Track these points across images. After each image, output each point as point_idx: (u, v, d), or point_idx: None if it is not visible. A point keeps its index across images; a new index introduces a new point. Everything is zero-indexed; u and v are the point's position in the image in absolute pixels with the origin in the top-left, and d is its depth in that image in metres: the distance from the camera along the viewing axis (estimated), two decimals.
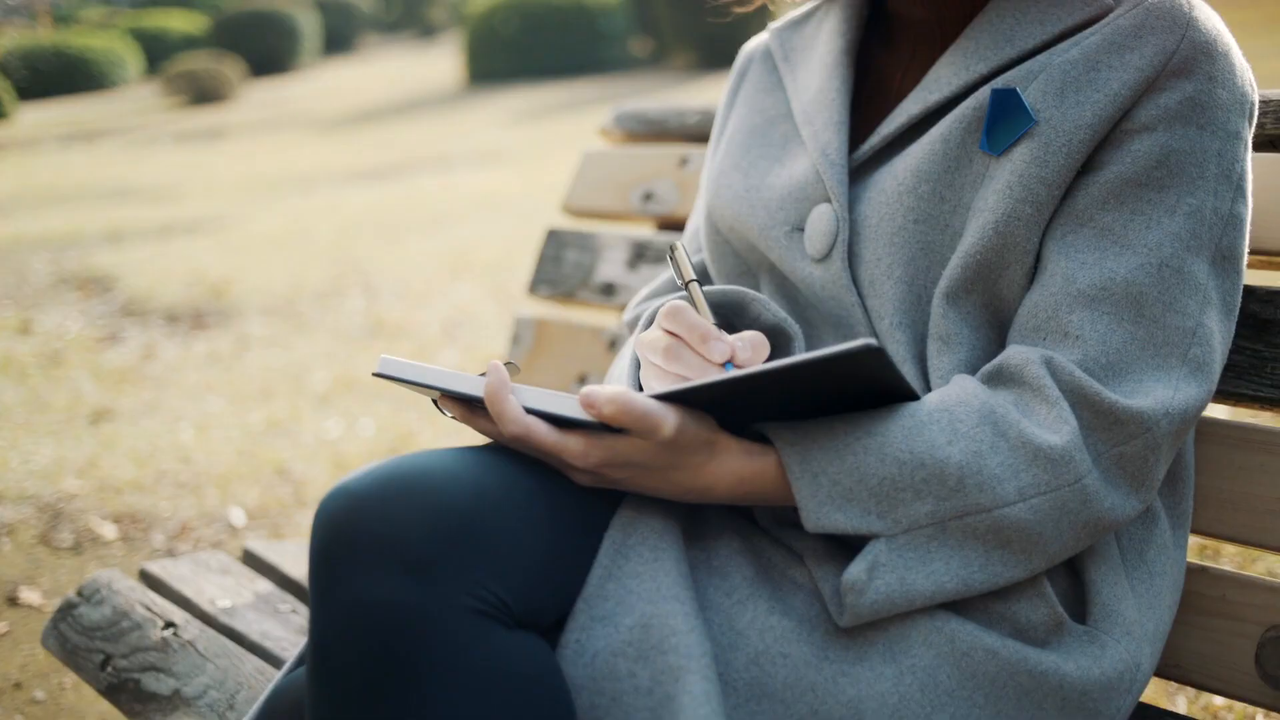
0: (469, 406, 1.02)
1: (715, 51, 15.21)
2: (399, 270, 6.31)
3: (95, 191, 9.87)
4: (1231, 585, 1.18)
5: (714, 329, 1.04)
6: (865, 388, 0.96)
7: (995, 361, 1.06)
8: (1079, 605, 1.07)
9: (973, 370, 1.10)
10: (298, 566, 1.66)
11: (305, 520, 3.22)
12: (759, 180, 1.25)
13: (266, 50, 20.29)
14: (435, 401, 1.13)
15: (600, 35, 16.55)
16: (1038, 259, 1.08)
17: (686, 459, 0.97)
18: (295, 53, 20.92)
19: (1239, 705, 2.10)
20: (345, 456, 3.66)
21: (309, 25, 21.27)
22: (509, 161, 9.99)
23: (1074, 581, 1.07)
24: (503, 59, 16.60)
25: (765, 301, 1.15)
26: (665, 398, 0.94)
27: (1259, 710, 2.05)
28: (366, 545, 0.89)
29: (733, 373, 0.90)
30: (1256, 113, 1.13)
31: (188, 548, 3.10)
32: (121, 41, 21.14)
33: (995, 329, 1.12)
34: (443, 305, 5.52)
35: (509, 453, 1.01)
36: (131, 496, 3.44)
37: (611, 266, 1.81)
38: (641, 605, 0.94)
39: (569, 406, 0.95)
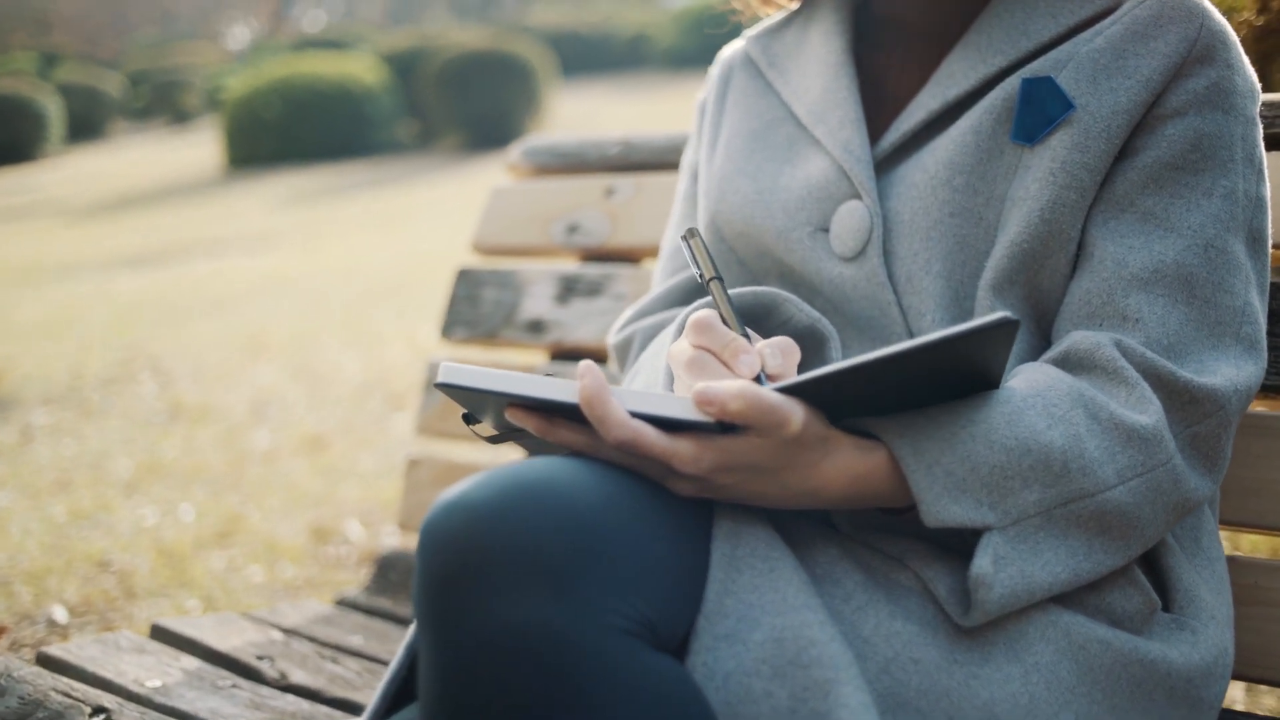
0: (546, 417, 0.91)
1: (483, 133, 15.19)
2: (190, 353, 5.97)
3: None
4: (1262, 572, 1.18)
5: (744, 342, 0.97)
6: (966, 372, 0.91)
7: (1060, 347, 1.03)
8: (1159, 592, 1.04)
9: (1021, 362, 1.07)
10: (222, 640, 1.48)
11: (138, 611, 2.95)
12: (770, 183, 1.19)
13: (7, 137, 19.14)
14: (467, 418, 1.02)
15: (366, 118, 16.27)
16: (1079, 247, 1.07)
17: (803, 457, 0.89)
18: (39, 140, 19.76)
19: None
20: (170, 543, 3.39)
21: (53, 111, 20.22)
22: (283, 244, 9.67)
23: (1149, 569, 1.05)
24: (265, 143, 16.07)
25: (798, 303, 1.09)
26: (787, 390, 0.87)
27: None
28: (500, 561, 0.78)
29: (865, 356, 0.83)
30: (1260, 101, 1.15)
31: (3, 650, 2.79)
32: None
33: (1035, 320, 1.09)
34: (245, 387, 5.25)
35: (608, 462, 0.91)
36: None
37: (538, 302, 1.72)
38: (768, 618, 0.86)
39: (678, 407, 0.86)
